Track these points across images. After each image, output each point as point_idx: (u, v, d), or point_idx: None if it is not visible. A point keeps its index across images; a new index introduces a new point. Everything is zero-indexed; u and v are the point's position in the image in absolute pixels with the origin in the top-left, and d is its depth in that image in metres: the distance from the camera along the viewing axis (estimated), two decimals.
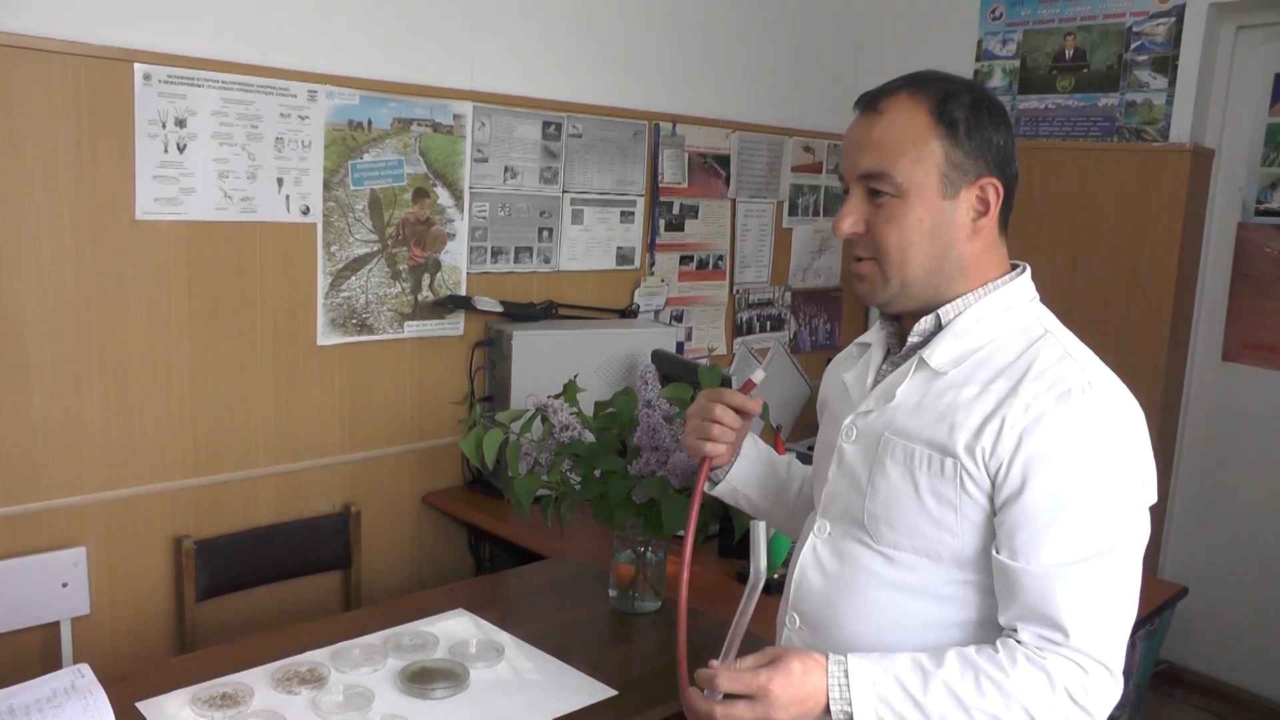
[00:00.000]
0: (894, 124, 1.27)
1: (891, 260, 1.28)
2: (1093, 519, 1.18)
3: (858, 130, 1.31)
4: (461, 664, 1.72)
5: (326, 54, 2.54)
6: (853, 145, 1.31)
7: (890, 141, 1.27)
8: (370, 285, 2.71)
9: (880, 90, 1.30)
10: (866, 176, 1.28)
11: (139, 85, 2.25)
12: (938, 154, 1.26)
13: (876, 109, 1.29)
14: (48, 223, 2.20)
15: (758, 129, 3.63)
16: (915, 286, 1.29)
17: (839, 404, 1.43)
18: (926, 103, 1.27)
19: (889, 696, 1.17)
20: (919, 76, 1.30)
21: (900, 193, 1.26)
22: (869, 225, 1.30)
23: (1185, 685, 3.67)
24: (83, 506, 2.32)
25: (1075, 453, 1.18)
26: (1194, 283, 3.56)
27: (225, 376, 2.50)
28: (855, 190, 1.31)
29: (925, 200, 1.26)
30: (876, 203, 1.28)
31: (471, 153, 2.85)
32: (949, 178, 1.26)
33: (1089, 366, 1.23)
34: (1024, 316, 1.30)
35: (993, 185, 1.28)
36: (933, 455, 1.24)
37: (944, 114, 1.26)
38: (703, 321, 3.60)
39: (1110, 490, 1.18)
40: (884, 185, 1.27)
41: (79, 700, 1.47)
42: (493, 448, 1.91)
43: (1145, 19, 3.43)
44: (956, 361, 1.27)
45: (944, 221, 1.27)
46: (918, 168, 1.25)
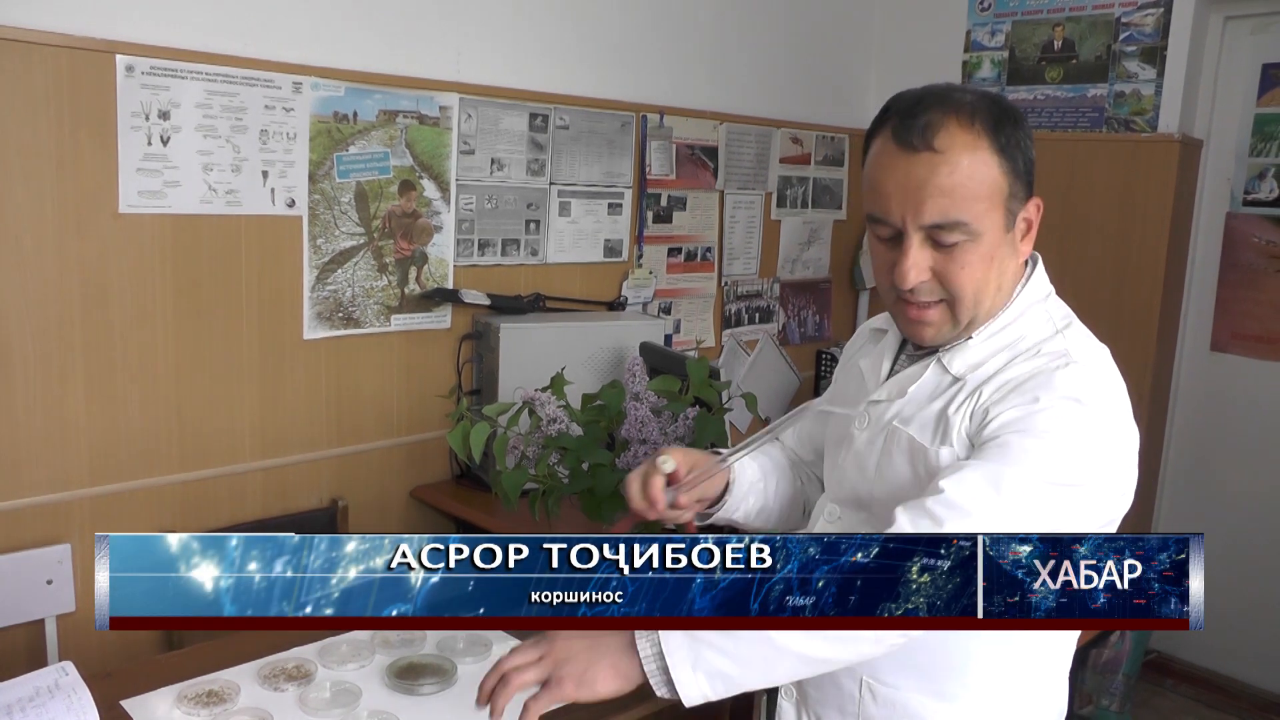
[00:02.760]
0: (960, 167, 1.18)
1: (965, 304, 1.24)
2: (1033, 458, 1.14)
3: (913, 172, 1.19)
4: (449, 659, 1.71)
5: (311, 45, 2.52)
6: (912, 191, 1.20)
7: (963, 189, 1.18)
8: (356, 278, 2.69)
9: (924, 122, 1.19)
10: (936, 227, 1.20)
11: (121, 77, 2.23)
12: (1003, 189, 1.21)
13: (934, 148, 1.18)
14: (29, 216, 2.17)
15: (746, 120, 3.62)
16: (980, 318, 1.28)
17: (855, 390, 1.44)
18: (985, 135, 1.19)
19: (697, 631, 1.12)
20: (953, 98, 1.21)
21: (973, 236, 1.20)
22: (934, 271, 1.23)
23: (1174, 675, 3.68)
24: (67, 503, 2.30)
25: (1045, 405, 1.17)
26: (1183, 273, 3.57)
27: (211, 371, 2.48)
28: (914, 236, 1.21)
29: (994, 237, 1.22)
30: (944, 248, 1.21)
31: (458, 144, 2.83)
32: (1010, 209, 1.23)
33: (1079, 352, 1.23)
34: (1038, 319, 1.29)
35: (1036, 204, 1.27)
36: (931, 449, 1.26)
37: (1004, 148, 1.20)
38: (691, 314, 3.59)
39: (1075, 440, 1.16)
40: (956, 234, 1.20)
41: (63, 699, 1.46)
42: (480, 441, 1.90)
43: (1133, 9, 3.43)
44: (975, 367, 1.27)
45: (1005, 251, 1.25)
46: (988, 208, 1.20)
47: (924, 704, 1.30)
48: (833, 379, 1.58)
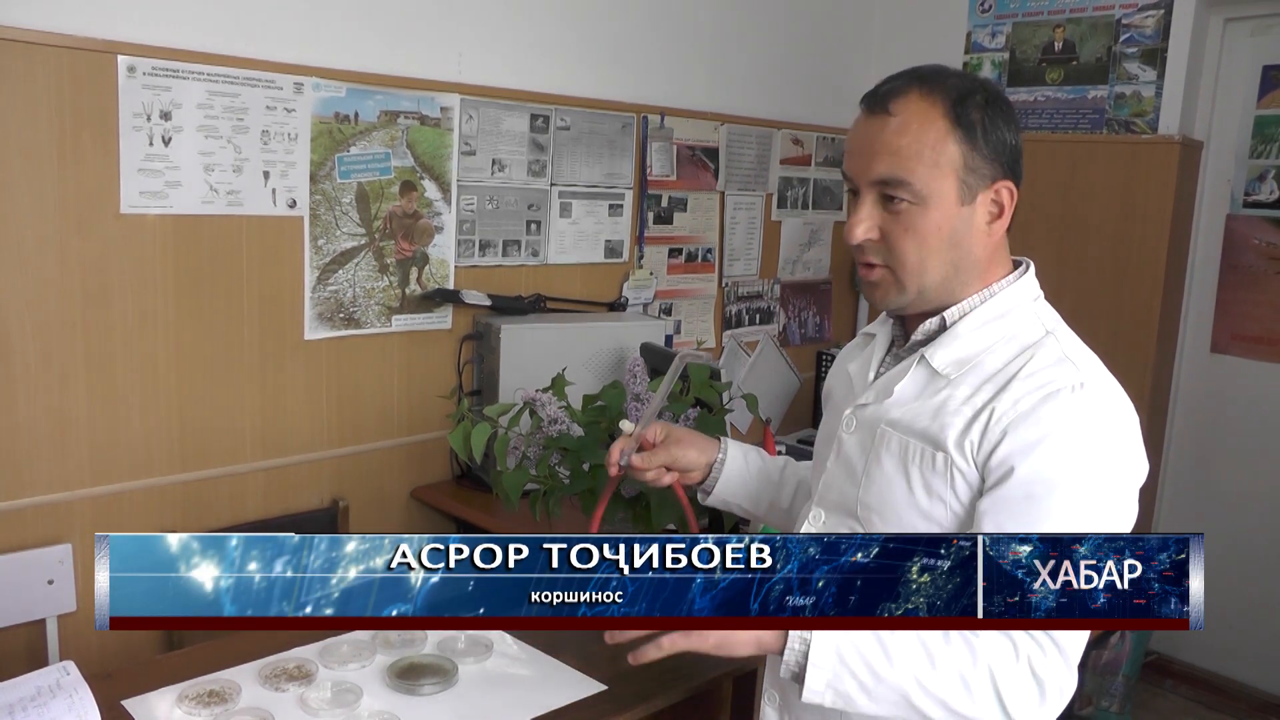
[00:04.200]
0: (908, 127, 1.22)
1: (909, 269, 1.25)
2: (1072, 508, 1.16)
3: (868, 132, 1.25)
4: (450, 660, 1.71)
5: (313, 46, 2.53)
6: (863, 148, 1.25)
7: (907, 147, 1.21)
8: (357, 279, 2.69)
9: (888, 89, 1.24)
10: (881, 183, 1.23)
11: (123, 77, 2.23)
12: (955, 159, 1.22)
13: (888, 110, 1.23)
14: (30, 217, 2.18)
15: (746, 121, 3.62)
16: (931, 293, 1.28)
17: (842, 394, 1.44)
18: (941, 104, 1.22)
19: (851, 637, 1.14)
20: (925, 74, 1.25)
21: (918, 200, 1.22)
22: (883, 232, 1.25)
23: (1174, 676, 3.68)
24: (68, 503, 2.30)
25: (1060, 445, 1.17)
26: (1183, 274, 3.57)
27: (212, 371, 2.48)
28: (867, 195, 1.26)
29: (943, 207, 1.23)
30: (892, 210, 1.24)
31: (459, 145, 2.84)
32: (967, 183, 1.23)
33: (1085, 368, 1.22)
34: (1026, 318, 1.29)
35: (1008, 188, 1.26)
36: (925, 449, 1.24)
37: (960, 116, 1.22)
38: (691, 314, 3.59)
39: (1093, 484, 1.17)
40: (901, 192, 1.22)
41: (64, 698, 1.46)
42: (481, 442, 1.90)
43: (1134, 11, 3.43)
44: (959, 365, 1.27)
45: (961, 227, 1.25)
46: (936, 173, 1.22)
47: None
48: (824, 388, 1.58)
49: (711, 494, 1.57)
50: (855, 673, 1.13)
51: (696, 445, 1.54)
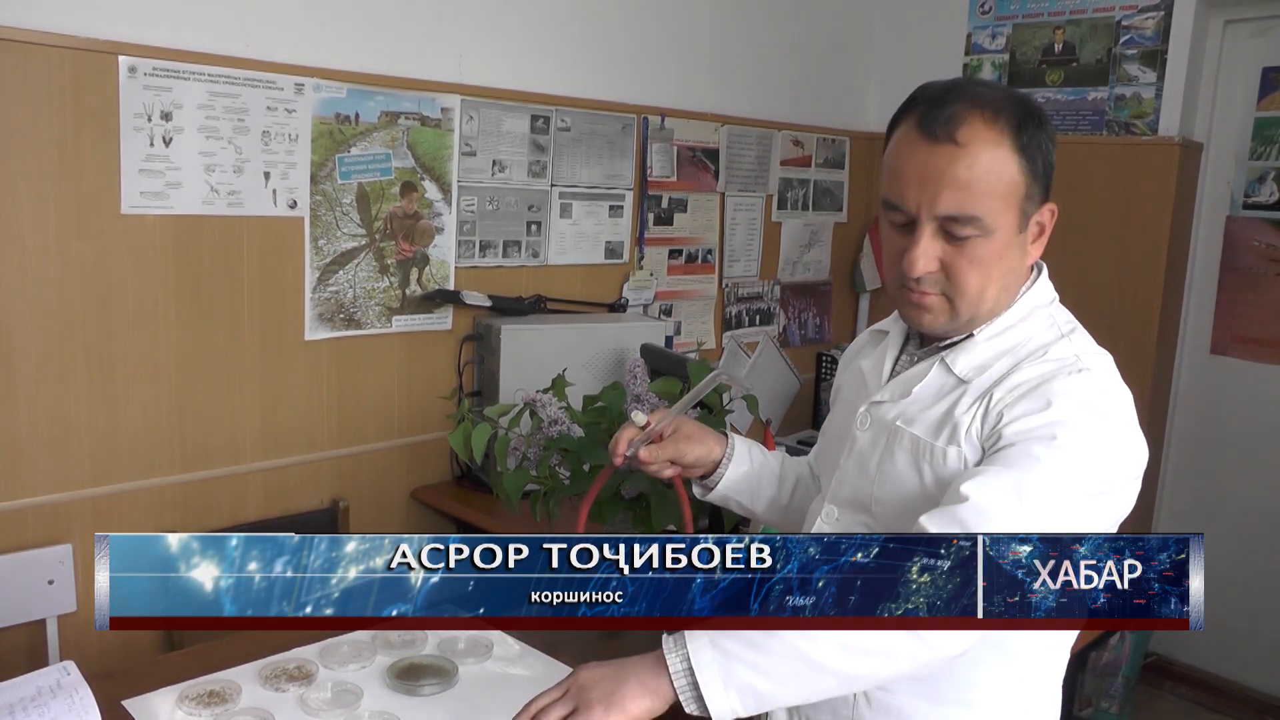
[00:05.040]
0: (980, 161, 1.18)
1: (969, 298, 1.24)
2: (1061, 462, 1.15)
3: (933, 162, 1.20)
4: (450, 660, 1.71)
5: (313, 46, 2.53)
6: (927, 179, 1.20)
7: (978, 182, 1.18)
8: (358, 279, 2.69)
9: (950, 114, 1.19)
10: (950, 219, 1.20)
11: (124, 78, 2.23)
12: (1019, 189, 1.21)
13: (954, 139, 1.18)
14: (31, 217, 2.18)
15: (747, 122, 3.62)
16: (982, 318, 1.28)
17: (854, 390, 1.44)
18: (1007, 133, 1.19)
19: (725, 633, 1.11)
20: (983, 96, 1.21)
21: (985, 232, 1.21)
22: (943, 262, 1.23)
23: (1174, 677, 3.68)
24: (69, 503, 2.30)
25: (1056, 408, 1.17)
26: (1183, 276, 3.57)
27: (212, 371, 2.48)
28: (927, 225, 1.21)
29: (1005, 236, 1.22)
30: (956, 243, 1.22)
31: (459, 146, 2.84)
32: (1025, 210, 1.23)
33: (1088, 359, 1.23)
34: (1043, 321, 1.29)
35: (1050, 209, 1.27)
36: (938, 447, 1.25)
37: (1024, 146, 1.20)
38: (692, 316, 3.59)
39: (1085, 444, 1.16)
40: (969, 228, 1.20)
41: (64, 698, 1.46)
42: (481, 442, 1.90)
43: (1134, 13, 3.43)
44: (980, 369, 1.27)
45: (1016, 252, 1.25)
46: (1003, 205, 1.20)
47: (920, 709, 1.28)
48: (833, 384, 1.58)
49: (714, 490, 1.56)
50: (743, 657, 1.09)
51: (705, 442, 1.52)
